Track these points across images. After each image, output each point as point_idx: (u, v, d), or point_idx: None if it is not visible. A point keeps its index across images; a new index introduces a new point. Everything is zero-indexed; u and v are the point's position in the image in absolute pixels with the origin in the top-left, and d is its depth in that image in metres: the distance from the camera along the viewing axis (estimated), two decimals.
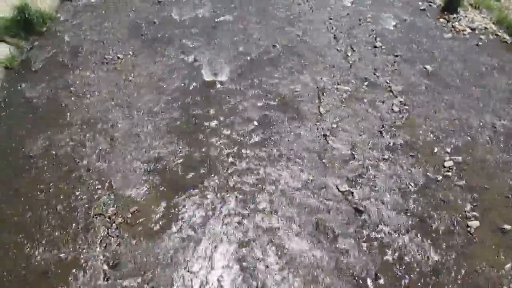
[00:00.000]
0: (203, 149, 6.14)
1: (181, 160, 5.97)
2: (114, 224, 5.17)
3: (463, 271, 4.98)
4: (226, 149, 6.17)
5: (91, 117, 6.48)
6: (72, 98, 6.74)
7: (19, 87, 6.83)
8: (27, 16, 7.60)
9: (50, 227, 5.08)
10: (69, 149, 6.00)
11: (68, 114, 6.50)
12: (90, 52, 7.67)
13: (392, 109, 7.02)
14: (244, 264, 4.88)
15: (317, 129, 6.60)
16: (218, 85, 7.20)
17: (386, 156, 6.27)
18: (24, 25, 7.64)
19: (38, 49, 7.61)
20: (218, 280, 4.72)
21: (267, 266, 4.87)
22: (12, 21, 7.56)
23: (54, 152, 5.93)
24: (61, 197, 5.41)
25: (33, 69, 7.18)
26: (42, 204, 5.31)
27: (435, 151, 6.40)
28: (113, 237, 5.05)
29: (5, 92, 6.73)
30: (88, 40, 7.92)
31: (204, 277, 4.74)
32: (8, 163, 5.75)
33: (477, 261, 5.08)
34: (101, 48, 7.78)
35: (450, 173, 6.08)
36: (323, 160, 6.13)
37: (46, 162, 5.79)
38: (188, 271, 4.79)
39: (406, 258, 5.08)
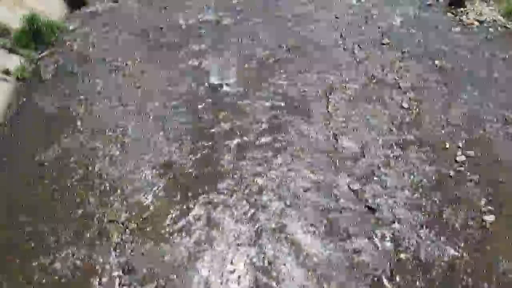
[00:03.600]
0: (213, 153, 6.15)
1: (192, 165, 5.99)
2: (127, 230, 5.21)
3: (480, 266, 4.91)
4: (236, 151, 6.18)
5: (101, 124, 6.53)
6: (82, 106, 6.81)
7: (30, 97, 6.92)
8: (36, 27, 7.69)
9: (65, 235, 5.13)
10: (81, 156, 6.05)
11: (79, 122, 6.56)
12: (99, 60, 7.74)
13: (402, 106, 6.97)
14: (253, 266, 4.88)
15: (326, 128, 6.57)
16: (226, 88, 7.21)
17: (397, 153, 6.22)
18: (34, 35, 7.74)
19: (48, 59, 7.71)
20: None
21: (280, 267, 4.86)
22: (22, 32, 7.66)
23: (66, 160, 5.99)
24: (75, 204, 5.45)
25: (43, 79, 7.28)
26: (56, 212, 5.36)
27: (447, 146, 6.34)
28: (127, 242, 5.08)
29: (17, 102, 6.83)
30: (96, 48, 8.00)
31: (217, 282, 4.75)
32: (22, 172, 5.82)
33: (494, 256, 5.01)
34: (109, 55, 7.85)
35: (463, 168, 6.01)
36: (334, 159, 6.11)
37: (58, 170, 5.86)
38: (202, 275, 4.80)
39: (421, 255, 5.03)
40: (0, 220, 5.27)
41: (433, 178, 5.89)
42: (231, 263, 4.91)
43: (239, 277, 4.79)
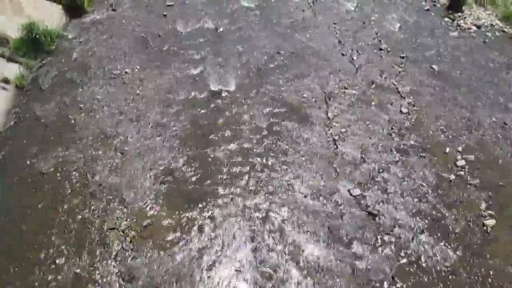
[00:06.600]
0: (213, 160, 6.15)
1: (192, 172, 5.98)
2: (128, 238, 5.19)
3: (481, 271, 4.91)
4: (236, 158, 6.17)
5: (101, 132, 6.53)
6: (82, 114, 6.80)
7: (29, 105, 6.92)
8: (35, 35, 7.70)
9: (65, 243, 5.11)
10: (81, 164, 6.04)
11: (79, 130, 6.55)
12: (98, 68, 7.74)
13: (401, 111, 6.99)
14: (254, 274, 4.87)
15: (326, 134, 6.58)
16: (225, 95, 7.21)
17: (397, 158, 6.22)
18: (33, 44, 7.74)
19: (47, 67, 7.70)
20: None
21: (281, 274, 4.85)
22: (21, 40, 7.66)
23: (66, 169, 5.98)
24: (75, 213, 5.44)
25: (42, 87, 7.27)
26: (56, 221, 5.34)
27: (447, 150, 6.35)
28: (127, 250, 5.07)
29: (16, 110, 6.82)
30: (96, 56, 8.01)
31: None
32: (22, 181, 5.81)
33: (494, 260, 5.01)
34: (108, 63, 7.85)
35: (463, 172, 6.02)
36: (334, 165, 6.11)
37: (58, 179, 5.84)
38: (202, 283, 4.79)
39: (422, 260, 5.02)
40: (0, 229, 5.25)
41: (434, 182, 5.90)
42: (232, 271, 4.90)
43: (240, 285, 4.78)
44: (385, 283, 4.81)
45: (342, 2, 9.79)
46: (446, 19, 9.36)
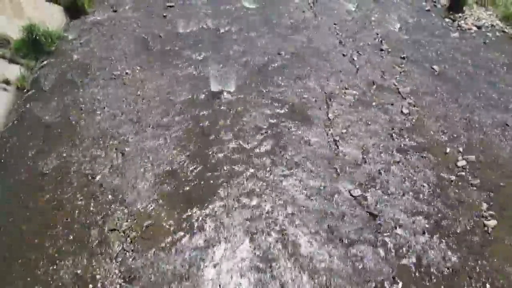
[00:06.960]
0: (214, 161, 6.15)
1: (192, 173, 5.98)
2: (128, 239, 5.19)
3: (482, 271, 4.90)
4: (236, 159, 6.17)
5: (102, 133, 6.53)
6: (83, 115, 6.81)
7: (30, 107, 6.93)
8: (36, 36, 7.71)
9: (66, 244, 5.11)
10: (82, 165, 6.04)
11: (79, 130, 6.56)
12: (99, 68, 7.75)
13: (402, 111, 6.98)
14: (255, 274, 4.87)
15: (327, 134, 6.58)
16: (226, 96, 7.22)
17: (397, 159, 6.22)
18: (34, 45, 7.75)
19: (47, 68, 7.71)
20: None
21: (282, 273, 4.85)
22: (22, 42, 7.68)
23: (67, 169, 5.98)
24: (76, 213, 5.44)
25: (43, 88, 7.28)
26: (57, 222, 5.34)
27: (447, 151, 6.34)
28: (128, 251, 5.07)
29: (17, 111, 6.83)
30: (96, 57, 8.02)
31: None
32: (23, 182, 5.81)
33: (496, 260, 5.00)
34: (109, 64, 7.86)
35: (463, 173, 6.01)
36: (335, 166, 6.10)
37: (59, 179, 5.84)
38: (203, 284, 4.78)
39: (423, 260, 5.01)
40: (0, 229, 5.25)
41: (434, 183, 5.89)
42: (232, 271, 4.89)
43: (240, 284, 4.77)
44: (385, 283, 4.80)
45: (343, 2, 9.81)
46: (447, 19, 9.37)
